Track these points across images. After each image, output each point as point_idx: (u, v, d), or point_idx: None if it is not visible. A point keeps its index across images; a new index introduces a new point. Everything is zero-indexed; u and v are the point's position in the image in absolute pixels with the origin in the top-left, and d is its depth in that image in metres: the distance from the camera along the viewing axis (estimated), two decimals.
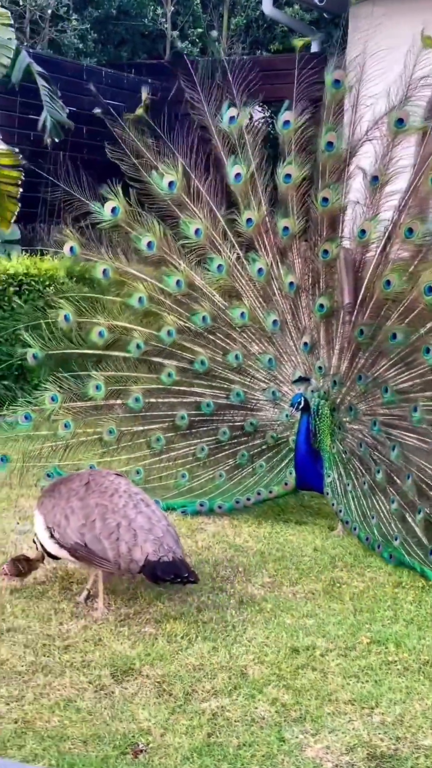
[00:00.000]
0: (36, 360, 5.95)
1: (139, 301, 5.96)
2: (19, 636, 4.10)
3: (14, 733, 3.31)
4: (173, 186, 5.94)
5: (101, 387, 5.91)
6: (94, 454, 5.98)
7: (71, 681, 3.71)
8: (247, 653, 3.98)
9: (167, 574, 4.20)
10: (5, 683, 3.67)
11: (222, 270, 5.95)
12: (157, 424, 6.03)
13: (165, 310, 6.01)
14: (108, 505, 4.36)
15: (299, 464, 5.72)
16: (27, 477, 5.91)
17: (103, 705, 3.54)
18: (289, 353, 5.93)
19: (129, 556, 4.22)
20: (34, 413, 5.80)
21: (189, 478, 5.99)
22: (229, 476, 5.99)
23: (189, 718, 3.45)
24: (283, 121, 5.89)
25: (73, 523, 4.35)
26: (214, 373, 6.00)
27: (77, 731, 3.35)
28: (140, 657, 3.92)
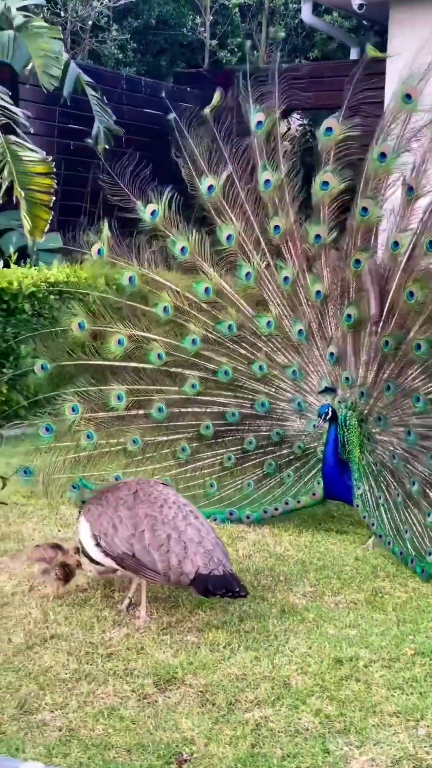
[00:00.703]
0: (45, 371, 5.83)
1: (164, 310, 5.87)
2: (62, 643, 4.12)
3: (59, 741, 3.33)
4: (212, 190, 5.92)
5: (123, 397, 5.81)
6: (118, 465, 5.90)
7: (114, 689, 3.72)
8: (289, 663, 3.96)
9: (218, 588, 4.19)
10: (50, 691, 3.69)
11: (250, 278, 5.90)
12: (182, 433, 5.97)
13: (190, 319, 5.93)
14: (157, 516, 4.36)
15: (327, 475, 5.68)
16: (52, 489, 5.84)
17: (147, 714, 3.55)
18: (315, 363, 5.88)
19: (179, 569, 4.21)
20: (54, 425, 5.73)
21: (217, 487, 5.95)
22: (257, 486, 5.95)
23: (232, 728, 3.44)
24: (325, 128, 5.85)
25: (121, 532, 4.36)
26: (238, 382, 5.94)
27: (121, 740, 3.35)
28: (183, 666, 3.92)
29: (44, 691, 3.68)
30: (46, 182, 9.69)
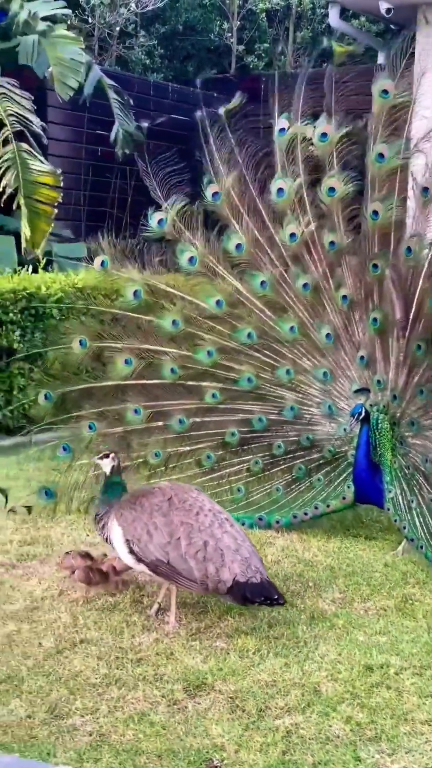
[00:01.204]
0: (48, 401, 5.75)
1: (173, 323, 5.76)
2: (92, 648, 4.13)
3: (90, 746, 3.33)
4: (217, 197, 5.87)
5: (140, 411, 5.72)
6: (140, 477, 5.79)
7: (144, 694, 3.72)
8: (319, 670, 3.95)
9: (257, 596, 4.18)
10: (80, 695, 3.69)
11: (266, 286, 5.84)
12: (206, 442, 5.89)
13: (203, 331, 5.84)
14: (193, 524, 4.33)
15: (358, 478, 5.65)
16: (72, 506, 5.85)
17: (177, 720, 3.54)
18: (344, 367, 5.85)
19: (217, 577, 4.20)
20: (72, 443, 5.68)
21: (245, 492, 5.90)
22: (285, 490, 5.90)
23: (263, 735, 3.43)
24: (320, 134, 5.82)
25: (156, 539, 4.34)
26: (262, 389, 5.87)
27: (152, 745, 3.35)
28: (212, 672, 3.91)
29: (74, 696, 3.69)
30: (51, 194, 9.68)
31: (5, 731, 3.42)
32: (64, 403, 5.75)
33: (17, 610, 4.53)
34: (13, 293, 8.73)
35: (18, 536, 5.67)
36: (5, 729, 3.43)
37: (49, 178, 9.64)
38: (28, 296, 8.86)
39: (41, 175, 9.60)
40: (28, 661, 3.98)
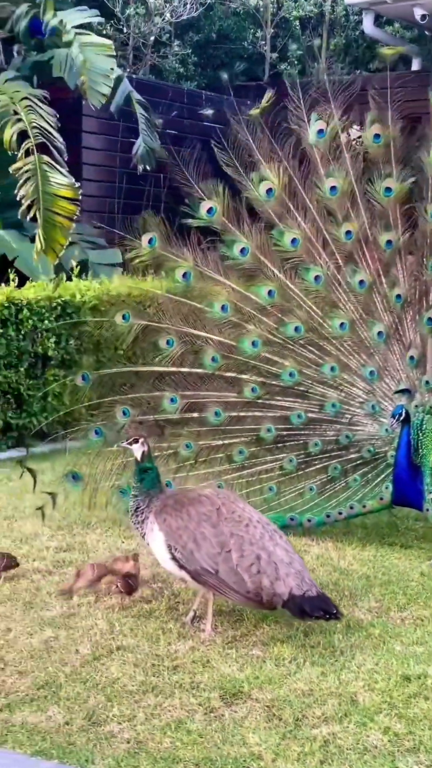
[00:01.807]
0: (86, 382, 5.75)
1: (222, 308, 5.73)
2: (128, 655, 4.14)
3: (127, 753, 3.34)
4: (271, 193, 5.87)
5: (176, 400, 5.69)
6: (168, 470, 5.72)
7: (181, 702, 3.73)
8: (356, 680, 3.93)
9: (316, 609, 4.18)
10: (117, 702, 3.71)
11: (320, 281, 5.84)
12: (240, 437, 5.82)
13: (250, 320, 5.81)
14: (244, 536, 4.30)
15: (398, 479, 5.61)
16: (99, 495, 5.80)
17: (214, 728, 3.54)
18: (391, 367, 5.83)
19: (272, 590, 4.18)
20: (104, 428, 5.66)
21: (276, 491, 5.84)
22: (319, 490, 5.84)
23: (300, 744, 3.42)
24: (373, 135, 5.84)
25: (204, 549, 4.32)
26: (304, 385, 5.83)
27: (189, 753, 3.35)
28: (249, 680, 3.91)
29: (112, 703, 3.70)
30: (69, 207, 9.70)
31: (44, 737, 3.44)
32: (101, 387, 5.73)
33: (54, 616, 4.56)
34: (48, 301, 8.80)
35: (54, 543, 5.71)
36: (44, 735, 3.46)
37: (68, 191, 9.68)
38: (63, 304, 8.93)
39: (60, 188, 9.66)
40: (65, 668, 4.00)
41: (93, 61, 9.75)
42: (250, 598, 4.26)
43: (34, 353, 8.68)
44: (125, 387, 5.75)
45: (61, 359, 8.89)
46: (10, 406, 8.49)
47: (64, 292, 9.01)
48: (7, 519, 6.20)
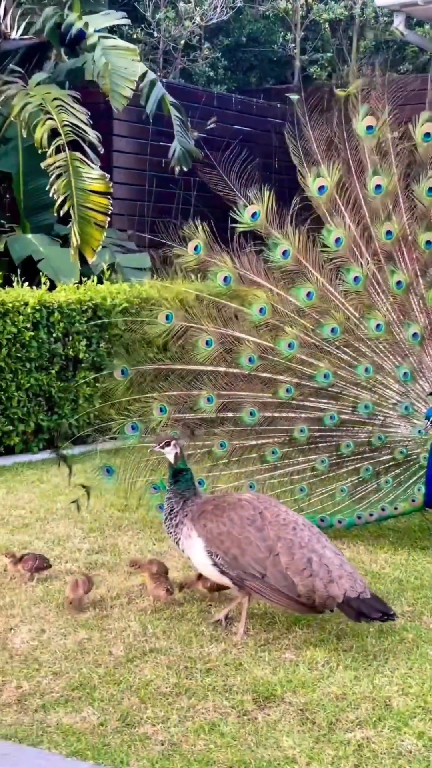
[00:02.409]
0: (124, 376, 5.80)
1: (261, 311, 5.78)
2: (161, 657, 4.15)
3: (161, 755, 3.35)
4: (323, 190, 5.89)
5: (213, 399, 5.73)
6: (201, 468, 5.75)
7: (214, 705, 3.73)
8: (390, 684, 3.91)
9: (373, 611, 4.18)
10: (151, 704, 3.72)
11: (359, 281, 5.85)
12: (273, 438, 5.84)
13: (288, 322, 5.84)
14: (293, 539, 4.29)
15: (431, 481, 5.59)
16: (132, 495, 5.86)
17: (247, 730, 3.55)
18: (425, 368, 5.81)
19: (326, 593, 4.17)
20: (141, 424, 5.70)
21: (307, 492, 5.83)
22: (351, 492, 5.84)
23: (334, 748, 3.41)
24: (424, 134, 5.83)
25: (250, 553, 4.30)
26: (338, 387, 5.84)
27: (223, 756, 3.36)
28: (282, 683, 3.91)
29: (145, 705, 3.71)
30: (102, 202, 9.80)
31: (79, 738, 3.46)
32: (141, 384, 5.77)
33: (87, 618, 4.58)
34: (79, 304, 8.85)
35: (86, 545, 5.73)
36: (78, 736, 3.47)
37: (100, 185, 9.75)
38: (93, 307, 8.98)
39: (92, 182, 9.72)
40: (99, 669, 4.02)
41: (115, 64, 9.80)
42: (298, 602, 4.25)
43: (65, 356, 8.73)
44: (163, 385, 5.79)
45: (92, 362, 8.93)
46: (41, 408, 8.55)
47: (95, 295, 9.06)
48: (39, 521, 6.24)
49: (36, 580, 5.04)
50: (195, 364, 5.79)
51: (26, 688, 3.85)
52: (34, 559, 5.05)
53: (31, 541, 5.76)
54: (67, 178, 9.52)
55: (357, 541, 5.87)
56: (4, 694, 3.79)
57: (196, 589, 4.86)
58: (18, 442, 8.36)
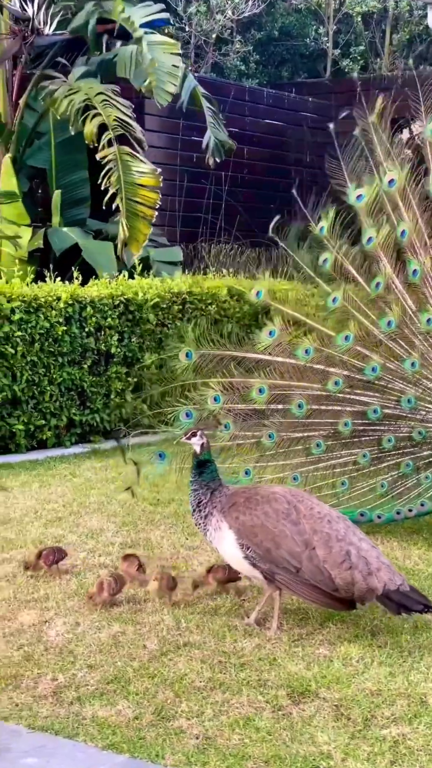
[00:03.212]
0: (188, 359, 5.83)
1: (334, 300, 5.92)
2: (195, 651, 4.15)
3: (197, 749, 3.36)
4: (392, 183, 5.97)
5: (264, 390, 5.77)
6: (247, 459, 5.81)
7: (249, 699, 3.73)
8: (425, 681, 3.89)
9: (415, 603, 4.16)
10: (185, 698, 3.72)
11: (416, 274, 5.88)
12: (318, 430, 5.86)
13: (355, 313, 5.93)
14: (329, 532, 4.27)
15: None
16: (184, 478, 5.87)
17: (282, 725, 3.54)
18: None
19: (365, 585, 4.15)
20: (195, 411, 5.73)
21: (348, 486, 5.83)
22: (390, 487, 5.82)
23: (370, 745, 3.40)
24: None
25: (285, 547, 4.29)
26: (384, 380, 5.85)
27: (258, 751, 3.35)
28: (316, 679, 3.90)
29: (180, 699, 3.72)
30: (151, 196, 9.86)
31: (114, 731, 3.47)
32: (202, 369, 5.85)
33: (121, 612, 4.60)
34: (111, 299, 8.88)
35: (119, 539, 5.75)
36: (114, 729, 3.49)
37: (150, 179, 9.83)
38: (125, 301, 9.00)
39: (142, 177, 9.79)
40: (133, 663, 4.03)
41: (160, 59, 9.81)
42: (331, 597, 4.25)
43: (97, 350, 8.76)
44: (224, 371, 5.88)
45: (123, 356, 8.96)
46: (73, 402, 8.59)
47: (127, 290, 9.09)
48: (72, 514, 6.27)
49: (59, 572, 5.06)
50: (256, 351, 5.90)
51: (62, 680, 3.87)
52: (53, 552, 5.06)
53: (65, 535, 5.79)
54: (117, 172, 9.60)
55: (390, 537, 5.84)
56: (39, 687, 3.82)
57: (207, 585, 4.84)
58: (50, 436, 8.41)
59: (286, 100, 14.39)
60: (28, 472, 7.44)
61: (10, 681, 3.87)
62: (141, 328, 9.13)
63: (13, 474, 7.37)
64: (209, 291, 9.97)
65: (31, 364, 8.19)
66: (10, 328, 8.01)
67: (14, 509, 6.36)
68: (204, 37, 14.92)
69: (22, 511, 6.30)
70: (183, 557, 5.43)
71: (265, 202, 13.89)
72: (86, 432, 8.75)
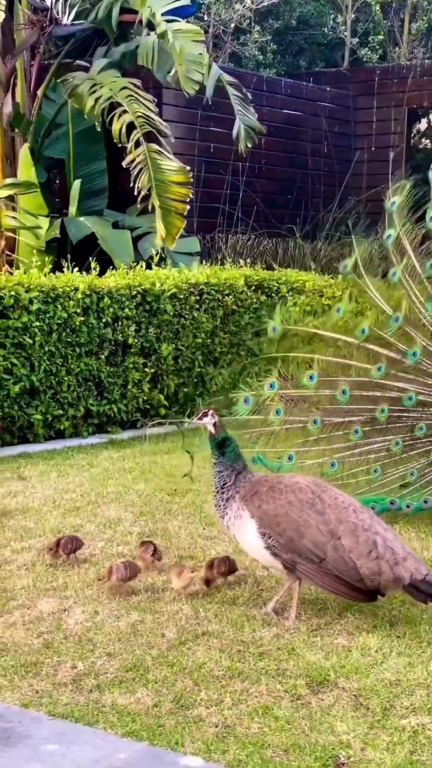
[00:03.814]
0: (275, 333, 6.11)
1: (393, 274, 6.10)
2: (213, 640, 4.17)
3: (216, 737, 3.37)
4: None
5: (314, 377, 5.93)
6: (290, 444, 5.93)
7: (267, 688, 3.74)
8: None
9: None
10: (204, 687, 3.73)
11: None
12: (358, 416, 5.98)
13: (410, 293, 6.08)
14: (355, 522, 4.28)
15: None
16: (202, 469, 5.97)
17: (301, 715, 3.55)
18: None
19: (392, 575, 4.17)
20: (253, 398, 5.92)
21: (380, 473, 5.90)
22: (420, 475, 5.87)
23: (389, 734, 3.40)
24: None
25: (309, 537, 4.28)
26: (422, 365, 5.94)
27: (277, 739, 3.36)
28: (335, 669, 3.90)
29: (199, 687, 3.73)
30: (182, 191, 9.90)
31: (134, 719, 3.49)
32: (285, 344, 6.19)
33: (140, 600, 4.61)
34: (128, 289, 8.88)
35: (137, 528, 5.77)
36: (133, 717, 3.50)
37: (180, 176, 9.86)
38: (143, 292, 9.00)
39: (171, 174, 9.83)
40: (152, 651, 4.05)
41: (186, 48, 9.75)
42: (353, 588, 4.26)
43: (114, 341, 8.77)
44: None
45: (141, 347, 8.97)
46: (91, 393, 8.60)
47: (144, 281, 9.08)
48: (90, 504, 6.28)
49: (76, 561, 5.09)
50: (332, 330, 6.18)
51: (81, 668, 3.89)
52: (70, 541, 5.08)
53: (83, 524, 5.81)
54: (147, 171, 9.65)
55: (409, 527, 5.84)
56: (59, 674, 3.84)
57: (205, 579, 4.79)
58: (68, 426, 8.43)
59: (304, 89, 14.33)
60: (46, 462, 7.47)
61: (30, 668, 3.89)
62: (158, 319, 9.12)
63: (32, 463, 7.40)
64: (226, 282, 9.96)
65: (48, 354, 8.21)
66: (29, 318, 8.03)
67: (33, 498, 6.39)
68: (222, 27, 14.87)
69: (40, 501, 6.33)
70: (200, 547, 5.44)
71: (283, 193, 13.86)
72: (103, 422, 8.77)
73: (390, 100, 14.28)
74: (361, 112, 14.45)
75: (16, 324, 7.95)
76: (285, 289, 10.45)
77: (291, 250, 12.60)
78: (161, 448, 8.14)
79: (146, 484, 6.81)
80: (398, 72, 14.33)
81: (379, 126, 14.43)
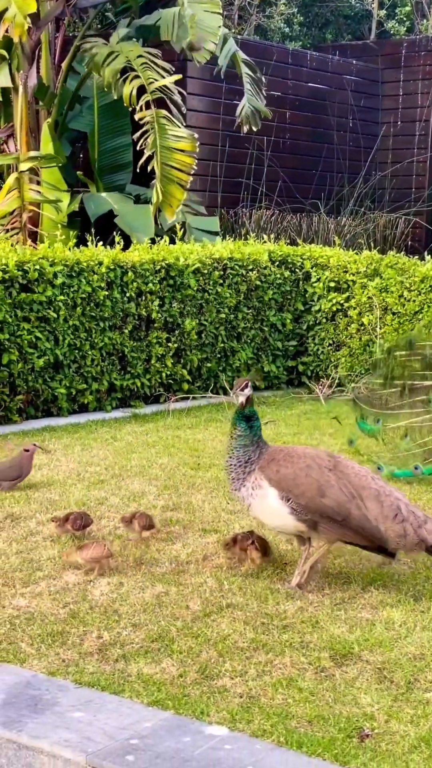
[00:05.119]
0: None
1: None
2: (238, 612, 4.19)
3: (241, 707, 3.39)
4: None
5: None
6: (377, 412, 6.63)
7: (291, 661, 3.76)
8: None
9: None
10: (229, 658, 3.76)
11: None
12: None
13: None
14: (377, 488, 4.41)
15: None
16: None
17: (325, 687, 3.57)
18: None
19: (416, 537, 4.31)
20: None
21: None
22: None
23: (413, 707, 3.42)
24: None
25: (331, 496, 4.35)
26: None
27: (301, 711, 3.38)
28: (359, 642, 3.91)
29: (223, 658, 3.76)
30: (186, 160, 9.80)
31: (159, 688, 3.52)
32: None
33: (164, 572, 4.64)
34: (152, 264, 8.87)
35: (161, 502, 5.79)
36: (159, 686, 3.53)
37: (186, 144, 9.78)
38: (166, 267, 8.99)
39: (178, 141, 9.75)
40: (177, 623, 4.08)
41: (200, 17, 9.72)
42: (379, 546, 4.42)
43: (137, 315, 8.78)
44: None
45: (164, 322, 8.97)
46: (114, 367, 8.63)
47: (168, 255, 9.07)
48: (114, 477, 6.32)
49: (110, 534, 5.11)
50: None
51: (107, 638, 3.92)
52: (80, 517, 5.08)
53: (107, 497, 5.85)
54: (153, 135, 9.58)
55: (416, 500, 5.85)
56: (85, 644, 3.88)
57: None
58: (92, 400, 8.46)
59: (330, 63, 14.20)
60: (70, 436, 7.51)
61: (57, 637, 3.93)
62: (182, 294, 9.12)
63: (56, 437, 7.44)
64: (250, 257, 9.93)
65: (72, 328, 8.23)
66: (53, 293, 8.05)
67: (57, 471, 6.43)
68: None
69: (65, 474, 6.37)
70: (224, 521, 5.46)
71: (307, 168, 13.77)
72: (127, 397, 8.80)
73: (417, 74, 14.12)
74: (388, 86, 14.31)
75: (40, 298, 7.97)
76: (309, 265, 10.41)
77: (315, 225, 12.53)
78: (184, 423, 8.16)
79: (170, 458, 6.84)
80: (426, 44, 14.16)
81: (406, 100, 14.28)
